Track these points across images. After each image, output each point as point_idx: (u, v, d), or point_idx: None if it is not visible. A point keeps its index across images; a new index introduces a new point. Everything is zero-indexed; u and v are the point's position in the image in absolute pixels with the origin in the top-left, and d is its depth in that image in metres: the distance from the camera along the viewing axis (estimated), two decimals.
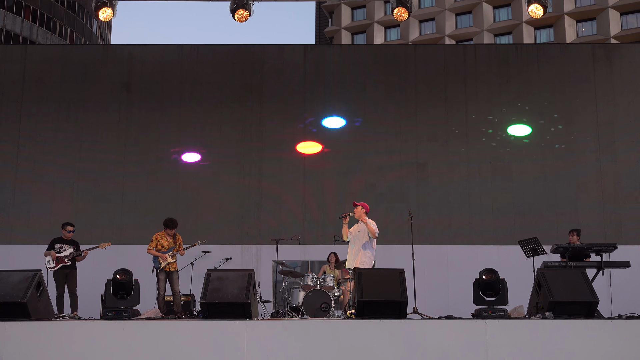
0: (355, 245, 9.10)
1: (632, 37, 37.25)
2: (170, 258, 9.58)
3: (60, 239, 10.01)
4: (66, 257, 9.81)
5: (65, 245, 9.92)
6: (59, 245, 9.90)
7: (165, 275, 9.59)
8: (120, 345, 6.66)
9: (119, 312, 7.32)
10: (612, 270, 10.73)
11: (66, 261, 9.80)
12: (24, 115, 13.20)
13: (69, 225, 10.10)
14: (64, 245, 9.91)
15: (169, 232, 9.70)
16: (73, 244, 9.97)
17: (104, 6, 10.62)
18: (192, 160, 13.08)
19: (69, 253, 9.84)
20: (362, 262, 8.90)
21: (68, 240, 10.01)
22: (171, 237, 9.71)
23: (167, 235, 9.69)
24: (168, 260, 9.54)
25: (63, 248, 9.88)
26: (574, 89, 13.28)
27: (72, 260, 9.87)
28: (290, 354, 6.61)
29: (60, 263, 9.78)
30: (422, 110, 13.25)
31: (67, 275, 9.83)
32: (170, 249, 9.61)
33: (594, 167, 12.93)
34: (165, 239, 9.67)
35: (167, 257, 9.54)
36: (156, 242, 9.64)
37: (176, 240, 9.74)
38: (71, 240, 10.03)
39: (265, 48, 13.83)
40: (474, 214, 12.79)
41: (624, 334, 6.71)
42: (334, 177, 12.99)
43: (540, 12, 10.76)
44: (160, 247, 9.62)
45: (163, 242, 9.64)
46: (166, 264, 9.54)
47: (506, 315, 7.22)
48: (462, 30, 41.65)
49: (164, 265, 9.54)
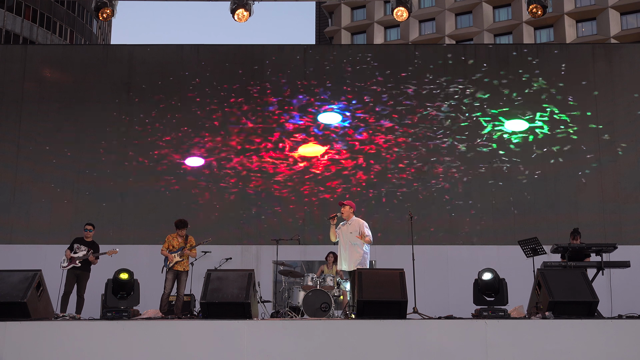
0: (347, 247, 8.86)
1: (632, 37, 37.24)
2: (178, 257, 9.78)
3: (80, 239, 10.15)
4: (78, 259, 9.90)
5: (82, 246, 10.04)
6: (76, 246, 10.05)
7: (173, 275, 9.81)
8: (120, 345, 6.66)
9: (119, 312, 7.32)
10: (612, 270, 10.73)
11: (77, 263, 9.88)
12: (24, 115, 13.20)
13: (87, 224, 10.27)
14: (80, 247, 10.04)
15: (180, 233, 9.95)
16: (91, 247, 10.07)
17: (104, 6, 10.63)
18: (192, 160, 13.08)
19: (82, 255, 9.94)
20: (360, 262, 8.75)
21: (88, 241, 10.13)
22: (182, 238, 9.94)
23: (179, 236, 9.94)
24: (176, 259, 9.75)
25: (79, 249, 10.01)
26: (574, 89, 13.28)
27: (84, 263, 9.96)
28: (290, 354, 6.61)
29: (72, 263, 9.89)
30: (422, 110, 13.25)
31: (77, 276, 9.95)
32: (179, 249, 9.76)
33: (594, 167, 12.93)
34: (176, 239, 9.93)
35: (175, 257, 9.76)
36: (168, 243, 9.91)
37: (187, 241, 9.94)
38: (91, 242, 10.15)
39: (265, 48, 13.83)
40: (474, 214, 12.80)
41: (624, 334, 6.71)
42: (334, 177, 12.99)
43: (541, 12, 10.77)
44: (171, 247, 9.89)
45: (174, 242, 9.91)
46: (174, 263, 9.75)
47: (506, 315, 7.22)
48: (462, 30, 41.65)
49: (172, 264, 9.76)
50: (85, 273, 9.99)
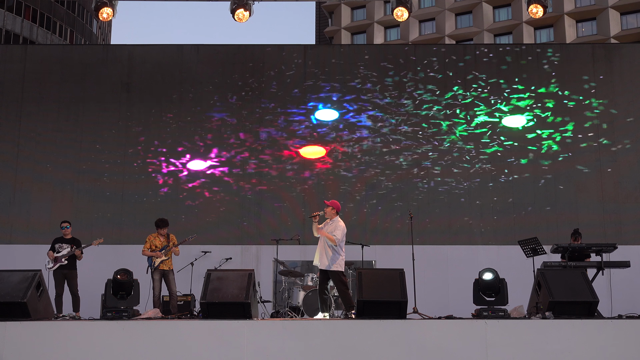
0: (323, 245, 8.76)
1: (632, 37, 37.24)
2: (164, 255, 9.69)
3: (60, 239, 10.02)
4: (63, 257, 9.80)
5: (64, 244, 9.92)
6: (58, 245, 9.92)
7: (160, 275, 9.70)
8: (120, 345, 6.66)
9: (119, 312, 7.32)
10: (612, 270, 10.73)
11: (63, 261, 9.78)
12: (24, 115, 13.20)
13: (63, 222, 10.12)
14: (62, 245, 9.92)
15: (161, 232, 9.87)
16: (73, 243, 9.95)
17: (104, 6, 10.63)
18: (192, 160, 13.07)
19: (66, 252, 9.84)
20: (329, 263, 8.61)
21: (68, 239, 10.01)
22: (164, 237, 9.87)
23: (160, 236, 9.86)
24: (162, 257, 9.65)
25: (61, 248, 9.89)
26: (573, 89, 13.28)
27: (70, 260, 9.84)
28: (290, 354, 6.61)
29: (58, 263, 9.78)
30: (422, 110, 13.25)
31: (66, 275, 9.82)
32: (163, 247, 9.70)
33: (594, 167, 12.93)
34: (158, 239, 9.84)
35: (161, 254, 9.66)
36: (150, 243, 9.81)
37: (169, 240, 9.85)
38: (71, 239, 10.02)
39: (265, 48, 13.83)
40: (474, 214, 12.80)
41: (624, 334, 6.71)
42: (334, 177, 13.00)
43: (541, 12, 10.76)
44: (154, 247, 9.79)
45: (156, 242, 9.82)
46: (160, 261, 9.65)
47: (506, 315, 7.22)
48: (462, 30, 41.65)
49: (157, 263, 9.65)
50: (72, 271, 9.87)
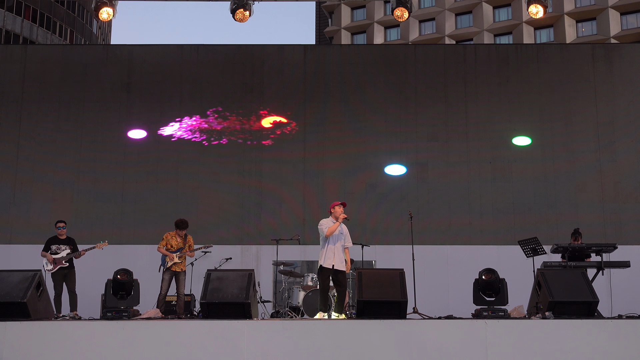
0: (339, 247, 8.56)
1: (632, 37, 37.25)
2: (177, 259, 9.67)
3: (55, 239, 9.82)
4: (63, 259, 9.66)
5: (62, 245, 9.75)
6: (55, 247, 9.73)
7: (170, 275, 9.67)
8: (120, 345, 6.66)
9: (119, 312, 7.32)
10: (612, 270, 10.74)
11: (64, 263, 9.66)
12: (24, 115, 13.19)
13: (59, 222, 9.92)
14: (60, 246, 9.74)
15: (179, 233, 9.83)
16: (69, 244, 9.80)
17: (104, 6, 10.64)
18: (192, 160, 13.07)
19: (67, 254, 9.70)
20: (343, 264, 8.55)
21: (63, 239, 9.82)
22: (181, 238, 9.82)
23: (178, 236, 9.82)
24: (175, 260, 9.64)
25: (59, 249, 9.72)
26: (573, 89, 13.27)
27: (69, 261, 9.74)
28: (290, 354, 6.61)
29: (58, 265, 9.63)
30: (422, 110, 13.25)
31: (65, 275, 9.70)
32: (178, 249, 9.68)
33: (594, 167, 12.92)
34: (175, 239, 9.80)
35: (174, 257, 9.64)
36: (166, 241, 9.77)
37: (186, 241, 9.83)
38: (67, 239, 9.84)
39: (265, 48, 13.83)
40: (474, 214, 12.79)
41: (624, 334, 6.71)
42: (334, 177, 12.99)
43: (541, 12, 10.77)
44: (169, 246, 9.74)
45: (173, 242, 9.77)
46: (172, 263, 9.64)
47: (506, 315, 7.22)
48: (462, 30, 41.65)
49: (170, 264, 9.63)
50: (72, 270, 9.72)
